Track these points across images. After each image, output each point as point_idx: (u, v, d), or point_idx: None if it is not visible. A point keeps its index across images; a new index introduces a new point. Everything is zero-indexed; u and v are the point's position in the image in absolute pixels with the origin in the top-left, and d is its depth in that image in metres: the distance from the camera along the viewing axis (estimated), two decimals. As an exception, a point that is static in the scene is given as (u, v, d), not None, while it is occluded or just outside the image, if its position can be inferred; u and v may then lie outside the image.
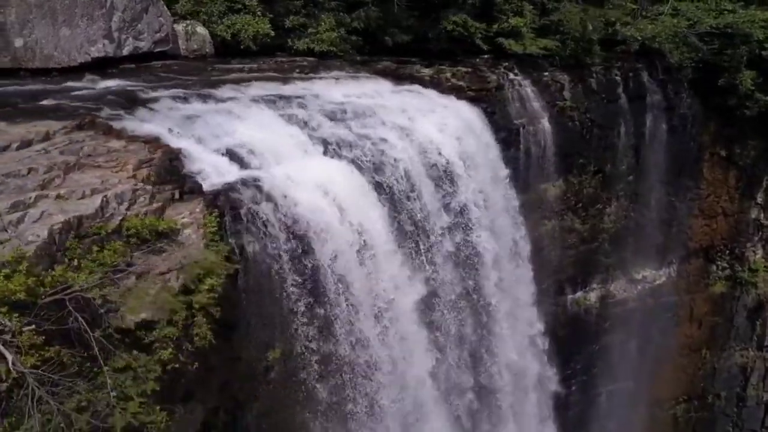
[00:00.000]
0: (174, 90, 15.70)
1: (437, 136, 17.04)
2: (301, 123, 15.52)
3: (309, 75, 18.49)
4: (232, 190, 12.85)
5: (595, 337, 26.74)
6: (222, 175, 13.24)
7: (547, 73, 22.38)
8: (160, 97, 15.08)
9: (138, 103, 14.63)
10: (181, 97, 15.27)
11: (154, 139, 12.86)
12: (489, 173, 18.34)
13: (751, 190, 27.73)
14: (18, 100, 14.32)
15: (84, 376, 8.06)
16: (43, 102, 14.25)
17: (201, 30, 19.14)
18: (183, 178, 12.52)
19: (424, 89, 19.14)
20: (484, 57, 21.94)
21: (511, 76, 21.48)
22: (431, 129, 17.20)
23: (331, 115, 16.20)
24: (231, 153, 13.70)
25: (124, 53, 17.64)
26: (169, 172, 12.28)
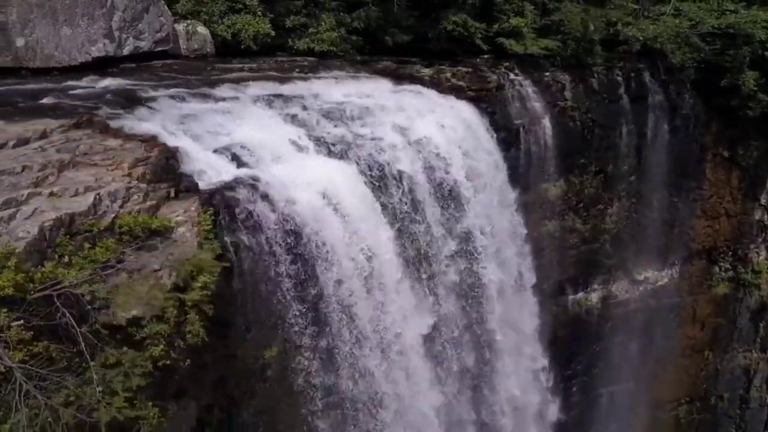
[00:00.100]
0: (173, 89, 15.78)
1: (436, 135, 17.08)
2: (300, 122, 15.59)
3: (309, 75, 18.51)
4: (228, 188, 12.93)
5: (597, 337, 26.64)
6: (219, 174, 13.32)
7: (548, 73, 22.31)
8: (159, 96, 15.18)
9: (137, 102, 14.73)
10: (180, 97, 15.38)
11: (151, 138, 12.93)
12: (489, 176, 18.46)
13: (754, 191, 27.57)
14: (18, 99, 14.44)
15: (72, 371, 8.15)
16: (43, 101, 14.35)
17: (202, 30, 19.22)
18: (179, 176, 12.59)
19: (424, 89, 19.12)
20: (484, 57, 21.89)
21: (511, 76, 21.43)
22: (430, 129, 17.26)
23: (330, 115, 16.27)
24: (228, 152, 13.78)
25: (125, 53, 17.75)
26: (166, 170, 12.34)
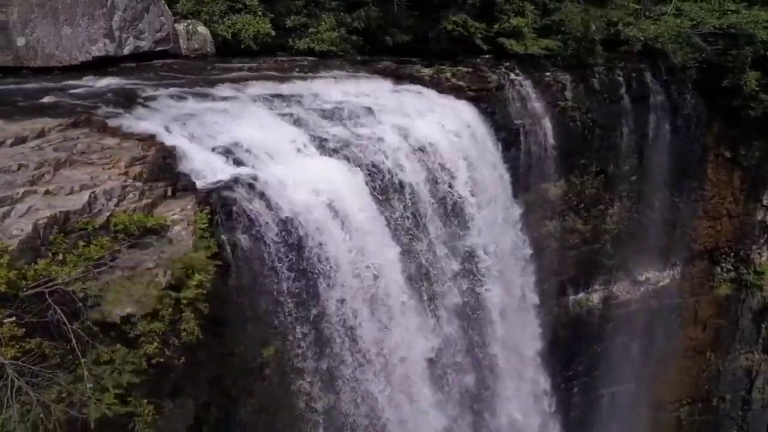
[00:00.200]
0: (172, 89, 15.78)
1: (437, 137, 17.10)
2: (298, 122, 15.61)
3: (308, 74, 18.51)
4: (225, 187, 12.93)
5: (598, 338, 26.64)
6: (216, 173, 13.33)
7: (548, 74, 22.31)
8: (158, 95, 15.20)
9: (136, 101, 14.75)
10: (179, 96, 15.38)
11: (149, 137, 12.95)
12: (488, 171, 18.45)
13: (756, 191, 27.49)
14: (18, 98, 14.48)
15: (64, 368, 8.21)
16: (43, 100, 14.38)
17: (202, 29, 19.26)
18: (176, 175, 12.63)
19: (424, 89, 19.12)
20: (485, 57, 21.89)
21: (512, 76, 21.44)
22: (429, 128, 17.28)
23: (329, 115, 16.27)
24: (226, 151, 13.77)
25: (125, 52, 17.80)
26: (163, 169, 12.38)
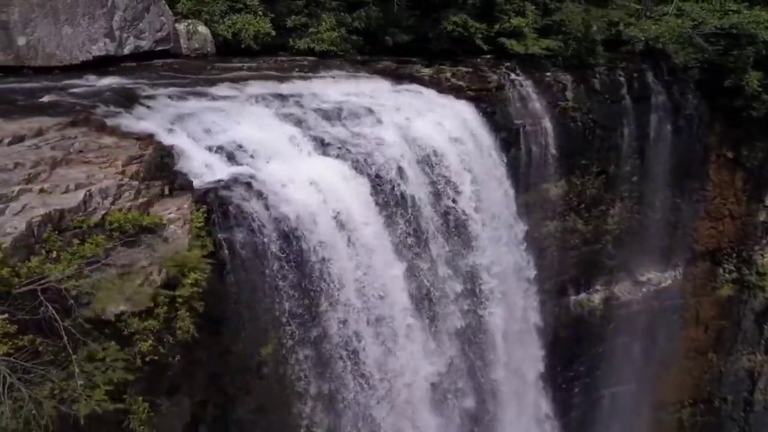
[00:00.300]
0: (172, 88, 15.86)
1: (433, 134, 17.13)
2: (297, 121, 15.64)
3: (308, 74, 18.57)
4: (222, 187, 13.00)
5: (599, 338, 26.58)
6: (214, 172, 13.40)
7: (549, 74, 22.30)
8: (157, 94, 15.25)
9: (135, 100, 14.81)
10: (178, 95, 15.45)
11: (147, 136, 13.01)
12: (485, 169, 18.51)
13: (758, 192, 27.37)
14: (17, 97, 14.56)
15: (57, 364, 8.27)
16: (42, 99, 14.45)
17: (202, 29, 19.32)
18: (174, 174, 12.70)
19: (424, 89, 19.16)
20: (485, 57, 21.87)
21: (512, 76, 21.43)
22: (428, 128, 17.30)
23: (327, 114, 16.31)
24: (224, 150, 13.85)
25: (126, 52, 17.85)
26: (160, 168, 12.44)
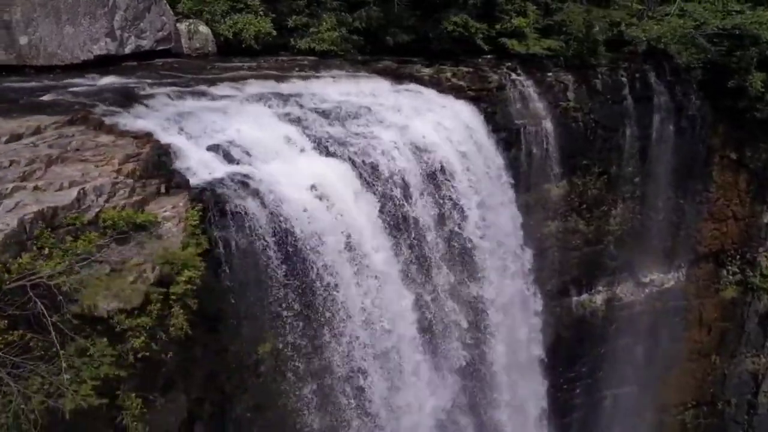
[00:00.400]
0: (171, 87, 15.95)
1: (431, 133, 17.14)
2: (295, 121, 15.70)
3: (308, 74, 18.63)
4: (219, 185, 13.06)
5: (601, 339, 26.51)
6: (211, 171, 13.46)
7: (550, 74, 22.26)
8: (156, 94, 15.36)
9: (134, 99, 14.92)
10: (178, 95, 15.56)
11: (145, 135, 13.07)
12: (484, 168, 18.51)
13: (762, 193, 27.18)
14: (18, 96, 14.69)
15: (47, 360, 8.34)
16: (42, 98, 14.57)
17: (203, 29, 19.42)
18: (171, 173, 12.75)
19: (424, 89, 19.16)
20: (487, 57, 21.84)
21: (513, 77, 21.41)
22: (426, 128, 17.31)
23: (326, 114, 16.36)
24: (222, 149, 13.94)
25: (127, 51, 17.97)
26: (157, 166, 12.50)
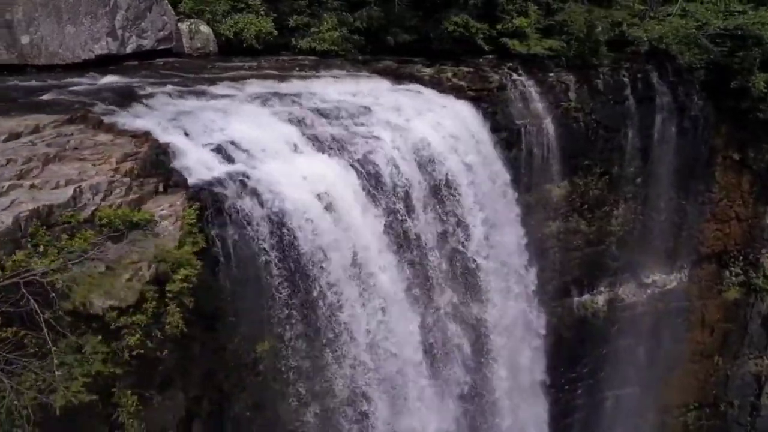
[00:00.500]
0: (171, 87, 16.04)
1: (430, 133, 17.15)
2: (294, 120, 15.73)
3: (308, 73, 18.69)
4: (216, 184, 13.10)
5: (603, 340, 26.43)
6: (210, 170, 13.50)
7: (552, 74, 22.19)
8: (156, 93, 15.45)
9: (134, 98, 15.01)
10: (177, 94, 15.64)
11: (143, 134, 13.13)
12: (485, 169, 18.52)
13: (765, 194, 26.94)
14: (19, 95, 14.80)
15: (40, 357, 8.39)
16: (43, 97, 14.67)
17: (204, 29, 19.48)
18: (169, 172, 12.80)
19: (424, 89, 19.18)
20: (488, 57, 21.78)
21: (514, 77, 21.36)
22: (426, 128, 17.33)
23: (325, 113, 16.40)
24: (220, 149, 13.97)
25: (128, 51, 18.05)
26: (155, 165, 12.55)
